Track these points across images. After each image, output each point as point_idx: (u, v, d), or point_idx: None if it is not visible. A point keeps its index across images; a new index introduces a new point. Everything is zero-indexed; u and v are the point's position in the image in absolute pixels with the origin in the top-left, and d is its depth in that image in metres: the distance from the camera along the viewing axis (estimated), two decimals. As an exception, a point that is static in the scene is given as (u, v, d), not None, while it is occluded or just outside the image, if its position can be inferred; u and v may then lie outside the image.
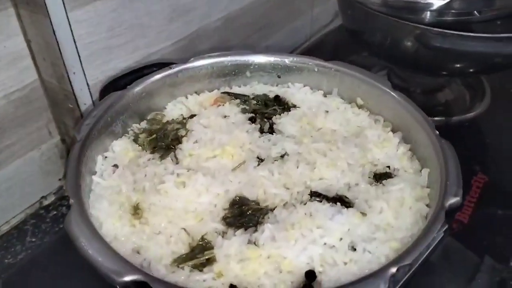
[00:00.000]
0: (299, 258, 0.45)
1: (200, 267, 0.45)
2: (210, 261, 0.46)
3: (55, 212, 0.70)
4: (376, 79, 0.63)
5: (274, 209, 0.50)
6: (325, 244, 0.46)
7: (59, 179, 0.72)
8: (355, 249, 0.47)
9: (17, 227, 0.67)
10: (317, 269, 0.45)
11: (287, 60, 0.67)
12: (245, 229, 0.49)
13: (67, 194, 0.47)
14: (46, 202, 0.71)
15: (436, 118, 0.55)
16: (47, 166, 0.69)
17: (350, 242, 0.47)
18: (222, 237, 0.48)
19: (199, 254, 0.46)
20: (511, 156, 0.82)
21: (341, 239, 0.47)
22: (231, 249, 0.46)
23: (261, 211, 0.50)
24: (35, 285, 0.59)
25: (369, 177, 0.55)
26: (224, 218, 0.50)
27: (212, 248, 0.47)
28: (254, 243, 0.47)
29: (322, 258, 0.46)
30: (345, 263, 0.45)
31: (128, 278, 0.40)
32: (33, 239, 0.66)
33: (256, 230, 0.48)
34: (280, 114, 0.63)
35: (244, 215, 0.50)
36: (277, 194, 0.52)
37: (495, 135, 0.88)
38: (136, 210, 0.50)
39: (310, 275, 0.44)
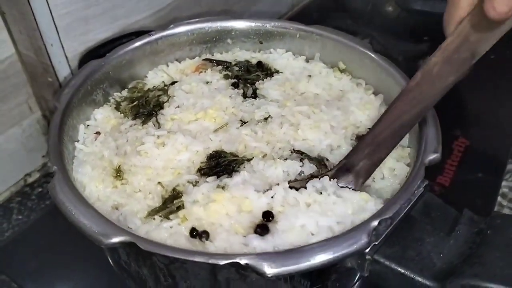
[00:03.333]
0: (261, 199, 0.45)
1: (169, 215, 0.46)
2: (179, 209, 0.46)
3: (40, 189, 0.70)
4: (357, 42, 0.63)
5: (251, 159, 0.50)
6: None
7: (43, 156, 0.71)
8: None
9: (3, 206, 0.67)
10: (277, 209, 0.44)
11: (268, 25, 0.67)
12: (218, 177, 0.49)
13: (50, 161, 0.47)
14: (30, 180, 0.71)
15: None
16: (30, 143, 0.68)
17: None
18: (194, 185, 0.48)
19: (169, 204, 0.46)
20: (491, 120, 0.84)
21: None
22: (198, 194, 0.46)
23: (237, 161, 0.50)
24: (22, 261, 0.60)
25: (351, 139, 0.56)
26: (199, 170, 0.50)
27: (182, 196, 0.47)
28: (223, 188, 0.47)
29: (284, 199, 0.45)
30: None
31: (115, 239, 0.40)
32: (19, 217, 0.67)
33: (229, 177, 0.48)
34: (263, 80, 0.63)
35: (220, 165, 0.50)
36: (257, 147, 0.52)
37: (476, 101, 0.89)
38: (118, 173, 0.50)
39: (267, 215, 0.44)
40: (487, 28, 0.44)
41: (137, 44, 0.62)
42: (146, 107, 0.58)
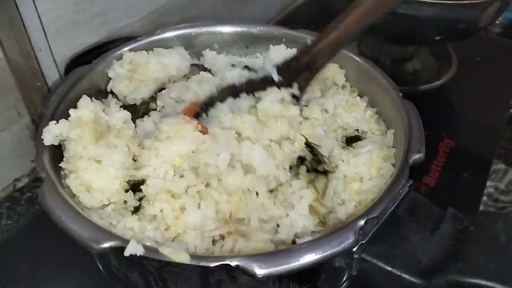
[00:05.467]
0: None
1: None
2: None
3: (29, 194, 0.70)
4: (342, 46, 0.64)
5: None
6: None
7: (32, 161, 0.71)
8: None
9: (-9, 211, 0.67)
10: None
11: (254, 30, 0.67)
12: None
13: (38, 168, 0.47)
14: (19, 185, 0.71)
15: (404, 87, 0.58)
16: (19, 147, 0.68)
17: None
18: None
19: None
20: (476, 121, 0.85)
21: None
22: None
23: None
24: (11, 266, 0.60)
25: (341, 141, 0.57)
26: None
27: None
28: None
29: None
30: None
31: (106, 244, 0.40)
32: (9, 222, 0.66)
33: None
34: (250, 84, 0.63)
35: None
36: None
37: (461, 102, 0.91)
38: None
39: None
40: None
41: (124, 50, 0.61)
42: (135, 115, 0.57)
